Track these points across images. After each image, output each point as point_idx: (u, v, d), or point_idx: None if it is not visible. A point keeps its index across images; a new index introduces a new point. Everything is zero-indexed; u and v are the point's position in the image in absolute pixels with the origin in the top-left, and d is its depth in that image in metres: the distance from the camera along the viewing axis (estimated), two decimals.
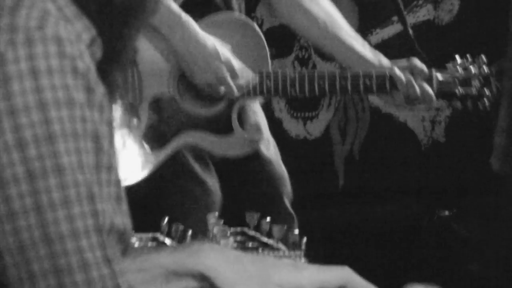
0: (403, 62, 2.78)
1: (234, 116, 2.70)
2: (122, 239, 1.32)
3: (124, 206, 1.34)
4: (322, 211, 3.17)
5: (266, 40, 2.79)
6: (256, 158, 2.81)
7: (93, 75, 1.30)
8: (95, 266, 1.25)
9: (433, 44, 3.69)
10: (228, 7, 2.78)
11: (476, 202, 3.37)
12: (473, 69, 2.78)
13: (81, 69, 1.28)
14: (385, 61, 2.79)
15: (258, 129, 2.79)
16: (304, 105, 3.82)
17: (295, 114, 3.81)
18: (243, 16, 2.80)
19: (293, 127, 3.77)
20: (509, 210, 2.88)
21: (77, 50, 1.29)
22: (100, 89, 1.31)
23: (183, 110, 2.69)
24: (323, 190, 3.60)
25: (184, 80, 2.68)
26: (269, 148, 2.84)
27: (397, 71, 2.71)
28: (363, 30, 3.78)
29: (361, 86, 2.73)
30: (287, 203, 2.83)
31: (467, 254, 3.36)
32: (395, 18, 3.61)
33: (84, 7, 1.36)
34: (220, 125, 2.71)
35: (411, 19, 3.74)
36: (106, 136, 1.31)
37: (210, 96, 2.65)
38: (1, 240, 1.25)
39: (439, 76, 2.77)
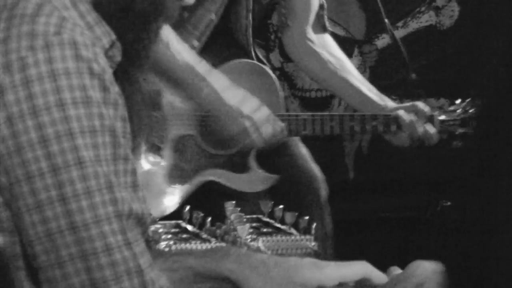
0: (408, 104, 2.73)
1: (252, 157, 2.66)
2: (141, 222, 1.29)
3: (140, 193, 1.31)
4: (334, 201, 3.09)
5: (280, 46, 2.75)
6: (288, 156, 2.79)
7: (108, 75, 1.29)
8: (117, 249, 1.25)
9: (435, 47, 3.69)
10: (247, 41, 2.73)
11: (476, 193, 3.35)
12: (471, 111, 2.71)
13: (96, 70, 1.26)
14: (390, 104, 2.74)
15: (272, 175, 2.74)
16: (316, 105, 3.78)
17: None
18: (260, 64, 2.74)
19: None
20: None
21: (93, 53, 1.27)
22: (115, 89, 1.30)
23: (204, 150, 2.66)
24: (335, 182, 3.55)
25: (205, 122, 2.65)
26: (300, 149, 2.84)
27: (402, 113, 2.66)
28: (370, 34, 3.77)
29: (368, 128, 2.68)
30: (322, 198, 2.81)
31: (466, 240, 3.34)
32: (399, 24, 3.54)
33: (104, 14, 1.35)
34: (239, 163, 2.67)
35: (414, 25, 3.74)
36: (121, 130, 1.30)
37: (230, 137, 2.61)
38: (31, 230, 1.24)
39: (441, 117, 2.73)
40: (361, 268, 1.51)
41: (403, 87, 3.48)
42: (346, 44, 3.05)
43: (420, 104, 2.71)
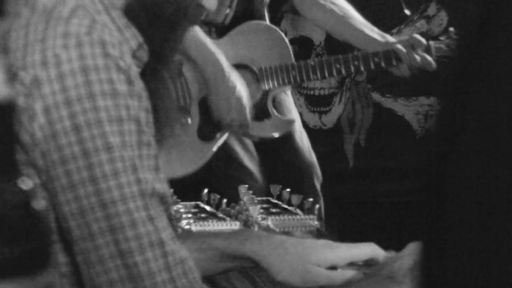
0: (405, 37, 2.74)
1: (270, 103, 2.67)
2: (163, 200, 1.29)
3: (162, 175, 1.31)
4: (335, 188, 3.10)
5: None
6: (291, 148, 2.79)
7: (133, 71, 1.28)
8: (141, 224, 1.25)
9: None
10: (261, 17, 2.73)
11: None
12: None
13: (122, 66, 1.26)
14: (390, 39, 2.73)
15: (289, 112, 2.76)
16: (319, 101, 3.76)
17: (312, 109, 3.74)
18: (270, 24, 2.77)
19: (311, 119, 3.71)
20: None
21: (119, 52, 1.27)
22: (139, 83, 1.29)
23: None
24: (335, 171, 3.57)
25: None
26: (302, 140, 2.82)
27: (400, 46, 2.64)
28: None
29: (372, 64, 2.66)
30: (317, 184, 2.80)
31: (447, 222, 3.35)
32: (394, 30, 3.52)
33: (134, 19, 1.35)
34: (259, 112, 2.66)
35: (408, 32, 3.70)
36: (145, 120, 1.29)
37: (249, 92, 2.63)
38: (66, 207, 1.25)
39: (436, 44, 2.72)
40: (368, 249, 1.51)
41: (399, 85, 3.49)
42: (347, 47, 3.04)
43: (417, 36, 2.70)
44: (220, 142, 2.63)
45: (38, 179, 1.27)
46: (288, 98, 2.82)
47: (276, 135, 2.69)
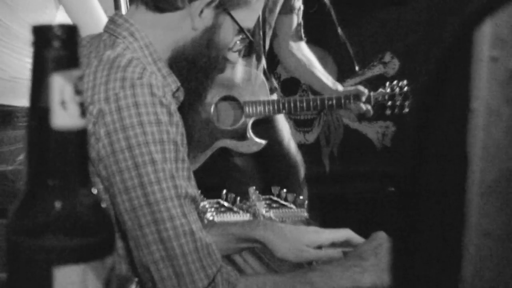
0: (352, 88, 2.70)
1: (249, 128, 2.63)
2: (194, 201, 1.28)
3: (193, 182, 1.30)
4: (316, 188, 3.07)
5: (283, 87, 2.78)
6: (280, 150, 2.75)
7: (173, 106, 1.28)
8: (177, 218, 1.23)
9: (382, 88, 3.64)
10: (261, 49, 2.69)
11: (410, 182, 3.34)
12: (397, 90, 2.66)
13: (165, 102, 1.25)
14: (339, 87, 2.70)
15: (261, 139, 2.70)
16: (304, 124, 3.76)
17: (298, 129, 3.74)
18: (256, 71, 2.70)
19: (297, 136, 3.69)
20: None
21: (162, 92, 1.26)
22: (177, 115, 1.29)
23: (218, 127, 2.62)
24: (316, 175, 3.54)
25: (221, 108, 2.62)
26: (290, 144, 2.78)
27: (350, 92, 2.64)
28: (340, 79, 3.76)
29: (327, 104, 2.63)
30: (301, 179, 2.77)
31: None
32: (359, 72, 3.52)
33: (175, 69, 1.35)
34: (239, 134, 2.63)
35: (369, 73, 3.71)
36: (180, 142, 1.29)
37: (234, 118, 2.60)
38: (121, 205, 1.24)
39: (375, 95, 2.67)
40: (345, 233, 1.52)
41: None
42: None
43: (361, 87, 2.67)
44: (210, 153, 2.62)
45: (101, 185, 1.27)
46: (280, 117, 2.81)
47: (251, 152, 2.65)
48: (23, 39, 2.27)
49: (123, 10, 2.54)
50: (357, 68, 3.03)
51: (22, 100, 2.27)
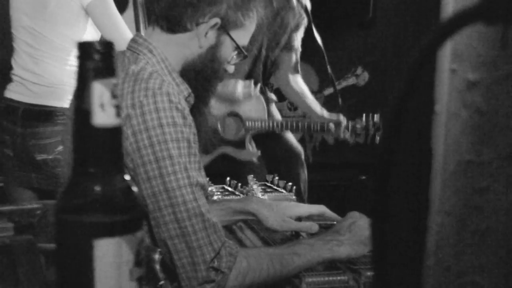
0: (335, 116, 2.66)
1: (247, 140, 2.63)
2: (203, 188, 1.27)
3: (203, 173, 1.28)
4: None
5: (274, 94, 2.79)
6: (284, 140, 2.74)
7: (186, 111, 1.26)
8: (189, 202, 1.22)
9: (354, 96, 3.68)
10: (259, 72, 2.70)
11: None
12: (371, 122, 2.65)
13: (180, 107, 1.24)
14: (326, 114, 2.69)
15: (257, 150, 2.69)
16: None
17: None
18: (258, 93, 2.70)
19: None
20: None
21: (178, 99, 1.25)
22: (190, 117, 1.27)
23: (223, 138, 2.62)
24: None
25: (226, 121, 2.62)
26: (291, 137, 2.79)
27: (331, 124, 2.62)
28: (320, 88, 3.77)
29: (312, 129, 2.62)
30: (300, 170, 2.76)
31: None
32: (336, 83, 3.53)
33: (186, 78, 1.35)
34: (239, 143, 2.62)
35: (343, 83, 3.71)
36: (193, 140, 1.27)
37: (236, 130, 2.60)
38: (144, 192, 1.22)
39: (352, 124, 2.65)
40: (320, 208, 1.54)
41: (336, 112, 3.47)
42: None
43: (341, 117, 2.67)
44: (213, 156, 2.64)
45: (129, 175, 1.27)
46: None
47: (247, 159, 2.64)
48: (61, 50, 2.28)
49: (142, 31, 2.54)
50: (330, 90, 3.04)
51: (60, 101, 2.29)
